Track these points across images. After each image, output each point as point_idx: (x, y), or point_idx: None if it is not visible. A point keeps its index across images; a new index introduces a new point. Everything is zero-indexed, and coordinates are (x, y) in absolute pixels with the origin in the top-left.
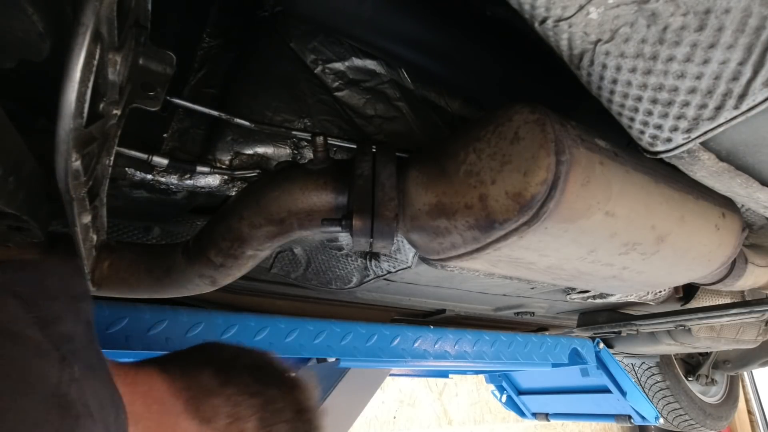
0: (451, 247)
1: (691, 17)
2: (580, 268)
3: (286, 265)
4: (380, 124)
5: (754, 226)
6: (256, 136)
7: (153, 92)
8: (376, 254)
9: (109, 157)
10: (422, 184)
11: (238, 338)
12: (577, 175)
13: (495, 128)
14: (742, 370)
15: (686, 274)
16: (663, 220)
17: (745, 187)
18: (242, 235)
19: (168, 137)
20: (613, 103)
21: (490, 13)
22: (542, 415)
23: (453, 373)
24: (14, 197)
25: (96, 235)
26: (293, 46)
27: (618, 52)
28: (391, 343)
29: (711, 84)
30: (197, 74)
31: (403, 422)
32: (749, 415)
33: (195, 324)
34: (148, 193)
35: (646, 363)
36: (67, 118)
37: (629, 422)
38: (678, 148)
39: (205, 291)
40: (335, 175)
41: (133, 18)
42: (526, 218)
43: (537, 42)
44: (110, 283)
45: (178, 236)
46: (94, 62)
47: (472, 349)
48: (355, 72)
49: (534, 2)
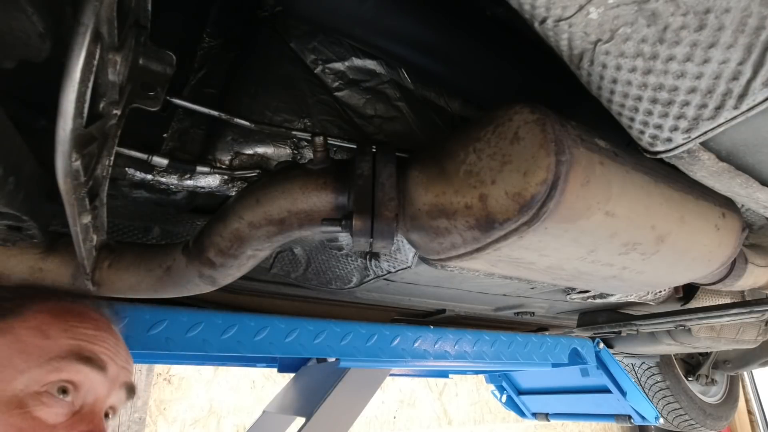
0: (451, 247)
1: (691, 17)
2: (580, 268)
3: (286, 265)
4: (380, 124)
5: (754, 226)
6: (256, 136)
7: (153, 92)
8: (376, 254)
9: (109, 157)
10: (422, 184)
11: (238, 338)
12: (577, 175)
13: (495, 128)
14: (742, 370)
15: (686, 274)
16: (663, 220)
17: (745, 187)
18: (242, 235)
19: (168, 137)
20: (613, 103)
21: (490, 13)
22: (542, 415)
23: (453, 373)
24: (14, 197)
25: (96, 235)
26: (293, 46)
27: (618, 52)
28: (391, 343)
29: (711, 84)
30: (197, 74)
31: (403, 422)
32: (749, 415)
33: (195, 324)
34: (148, 193)
35: (646, 363)
36: (67, 118)
37: (629, 422)
38: (678, 148)
39: (205, 291)
40: (335, 175)
41: (133, 18)
42: (526, 218)
43: (537, 42)
44: (110, 283)
45: (178, 236)
46: (94, 62)
47: (472, 349)
48: (355, 72)
49: (534, 2)
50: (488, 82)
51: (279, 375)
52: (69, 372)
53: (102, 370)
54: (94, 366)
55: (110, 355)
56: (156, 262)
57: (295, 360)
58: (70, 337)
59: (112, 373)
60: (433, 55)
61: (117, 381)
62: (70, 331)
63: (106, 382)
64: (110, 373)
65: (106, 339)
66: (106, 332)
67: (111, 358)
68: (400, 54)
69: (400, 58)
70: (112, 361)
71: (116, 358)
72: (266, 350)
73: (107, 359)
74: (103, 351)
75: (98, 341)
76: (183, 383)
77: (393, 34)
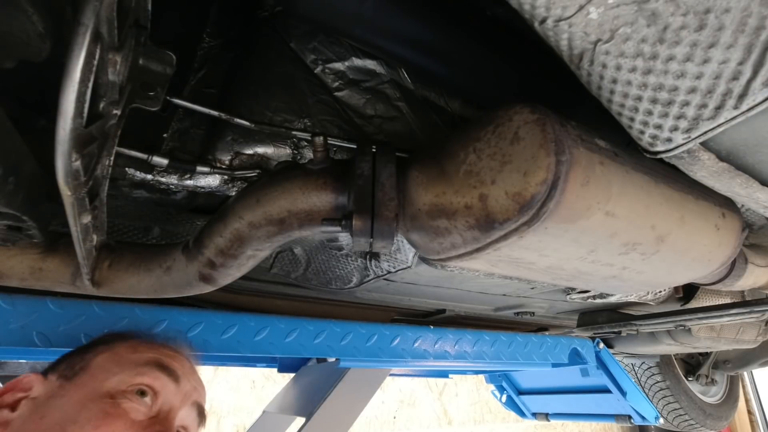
0: (451, 247)
1: (691, 17)
2: (580, 268)
3: (286, 265)
4: (380, 124)
5: (754, 226)
6: (256, 136)
7: (153, 92)
8: (376, 254)
9: (109, 157)
10: (422, 184)
11: (238, 338)
12: (577, 175)
13: (495, 128)
14: (742, 370)
15: (686, 274)
16: (663, 220)
17: (745, 187)
18: (242, 235)
19: (168, 137)
20: (613, 103)
21: (490, 13)
22: (542, 415)
23: (453, 373)
24: (14, 197)
25: (96, 235)
26: (293, 46)
27: (618, 52)
28: (391, 343)
29: (711, 84)
30: (197, 74)
31: (403, 422)
32: (749, 415)
33: (195, 324)
34: (148, 193)
35: (646, 363)
36: (67, 118)
37: (629, 422)
38: (678, 148)
39: (205, 291)
40: (335, 175)
41: (133, 18)
42: (526, 218)
43: (537, 42)
44: (110, 283)
45: (178, 236)
46: (94, 62)
47: (472, 349)
48: (355, 72)
49: (534, 2)
50: (488, 82)
51: (279, 375)
52: (149, 377)
53: (176, 380)
54: (170, 375)
55: (185, 372)
56: (156, 262)
57: (295, 360)
58: (154, 352)
59: (184, 387)
60: (433, 55)
61: (189, 397)
62: (154, 350)
63: (179, 393)
64: (183, 386)
65: (183, 361)
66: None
67: (185, 375)
68: (400, 54)
69: (400, 58)
70: (186, 378)
71: (190, 377)
72: (266, 350)
73: (181, 374)
74: (178, 367)
75: (176, 360)
76: None
77: (393, 34)
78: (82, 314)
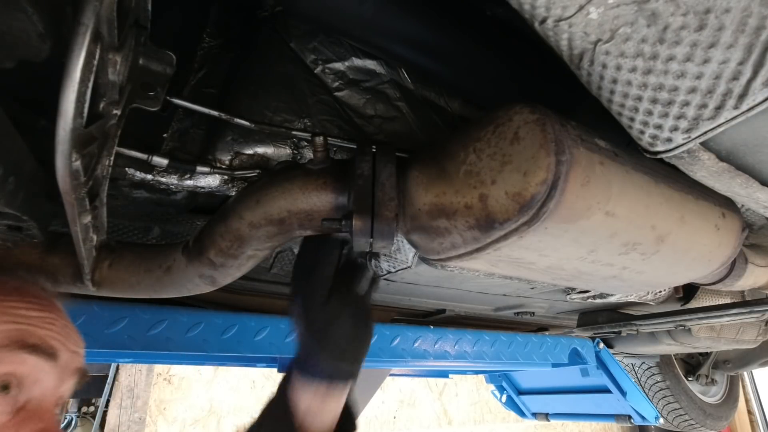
0: (451, 247)
1: (691, 17)
2: (580, 268)
3: (286, 265)
4: (380, 124)
5: (754, 226)
6: (256, 136)
7: (153, 92)
8: (376, 254)
9: (109, 157)
10: (422, 184)
11: (238, 338)
12: (577, 175)
13: (495, 128)
14: (742, 370)
15: (686, 274)
16: (663, 220)
17: (745, 187)
18: (242, 235)
19: (168, 137)
20: (613, 103)
21: (490, 13)
22: (542, 415)
23: (453, 373)
24: (14, 197)
25: (96, 235)
26: (293, 46)
27: (618, 52)
28: (391, 343)
29: (711, 84)
30: (197, 74)
31: (403, 422)
32: (749, 415)
33: (195, 324)
34: (148, 193)
35: (646, 363)
36: (67, 118)
37: (629, 422)
38: (678, 148)
39: (205, 291)
40: (335, 175)
41: (133, 18)
42: (526, 218)
43: (537, 42)
44: (110, 283)
45: (178, 236)
46: (94, 62)
47: (472, 349)
48: (355, 72)
49: (534, 2)
50: (488, 82)
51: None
52: (11, 364)
53: (52, 358)
54: (43, 354)
55: (61, 340)
56: (156, 262)
57: None
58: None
59: (63, 360)
60: (433, 55)
61: (68, 369)
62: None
63: (56, 371)
64: (61, 360)
65: (54, 321)
66: (53, 312)
67: (62, 343)
68: (400, 54)
69: (400, 58)
70: (63, 347)
71: (67, 343)
72: (266, 350)
73: (58, 345)
74: (52, 336)
75: (46, 324)
76: (183, 383)
77: (393, 34)
78: (82, 314)
